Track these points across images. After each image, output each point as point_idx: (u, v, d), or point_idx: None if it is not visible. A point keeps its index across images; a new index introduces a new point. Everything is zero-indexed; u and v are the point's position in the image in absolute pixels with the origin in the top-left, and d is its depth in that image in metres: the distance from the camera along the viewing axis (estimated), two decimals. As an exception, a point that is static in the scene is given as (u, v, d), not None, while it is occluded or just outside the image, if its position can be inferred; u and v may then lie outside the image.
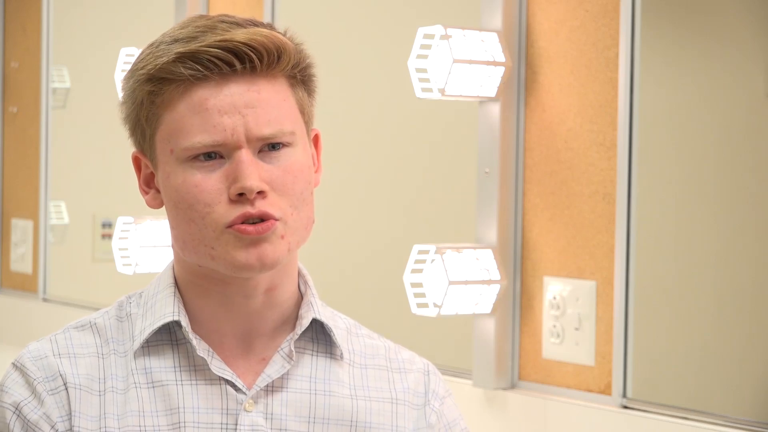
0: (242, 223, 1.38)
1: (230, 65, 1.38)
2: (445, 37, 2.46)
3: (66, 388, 1.43)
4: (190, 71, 1.38)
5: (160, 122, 1.41)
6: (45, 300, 4.12)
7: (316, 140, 1.48)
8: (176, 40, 1.39)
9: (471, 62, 2.49)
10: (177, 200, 1.40)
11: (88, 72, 4.08)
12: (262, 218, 1.38)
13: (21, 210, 4.30)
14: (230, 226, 1.38)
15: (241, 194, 1.38)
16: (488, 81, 2.53)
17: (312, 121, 1.47)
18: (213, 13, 3.39)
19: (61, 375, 1.43)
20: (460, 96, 2.50)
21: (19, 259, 4.28)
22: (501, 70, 2.54)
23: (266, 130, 1.39)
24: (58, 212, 4.12)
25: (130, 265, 3.15)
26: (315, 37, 3.04)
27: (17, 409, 1.42)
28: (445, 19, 2.56)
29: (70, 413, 1.42)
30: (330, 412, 1.46)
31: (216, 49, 1.37)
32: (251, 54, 1.38)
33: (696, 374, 2.37)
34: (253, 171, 1.38)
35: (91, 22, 4.06)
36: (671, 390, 2.37)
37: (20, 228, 4.28)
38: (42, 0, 4.13)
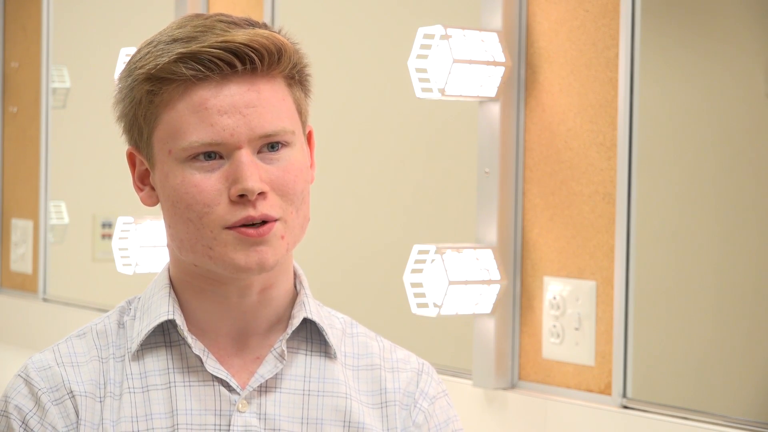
0: (243, 225, 1.38)
1: (231, 66, 1.38)
2: (445, 37, 2.46)
3: (72, 396, 1.43)
4: (191, 71, 1.37)
5: (159, 121, 1.40)
6: (45, 300, 4.12)
7: (309, 137, 1.49)
8: (175, 40, 1.39)
9: (471, 62, 2.49)
10: (175, 200, 1.40)
11: (88, 72, 4.08)
12: (263, 220, 1.38)
13: (21, 210, 4.30)
14: (230, 227, 1.38)
15: (241, 195, 1.37)
16: (488, 81, 2.53)
17: (307, 119, 1.48)
18: (212, 12, 3.39)
19: (65, 384, 1.43)
20: (460, 96, 2.50)
21: (19, 259, 4.28)
22: (501, 70, 2.54)
23: (268, 128, 1.39)
24: (58, 212, 4.12)
25: (130, 265, 3.15)
26: (315, 37, 3.06)
27: (24, 422, 1.42)
28: (445, 19, 2.56)
29: (77, 422, 1.42)
30: (324, 413, 1.45)
31: (217, 50, 1.37)
32: (252, 55, 1.38)
33: (696, 374, 2.37)
34: (253, 172, 1.38)
35: (91, 22, 4.06)
36: (671, 390, 2.37)
37: (20, 228, 4.28)
38: (42, 0, 4.13)
